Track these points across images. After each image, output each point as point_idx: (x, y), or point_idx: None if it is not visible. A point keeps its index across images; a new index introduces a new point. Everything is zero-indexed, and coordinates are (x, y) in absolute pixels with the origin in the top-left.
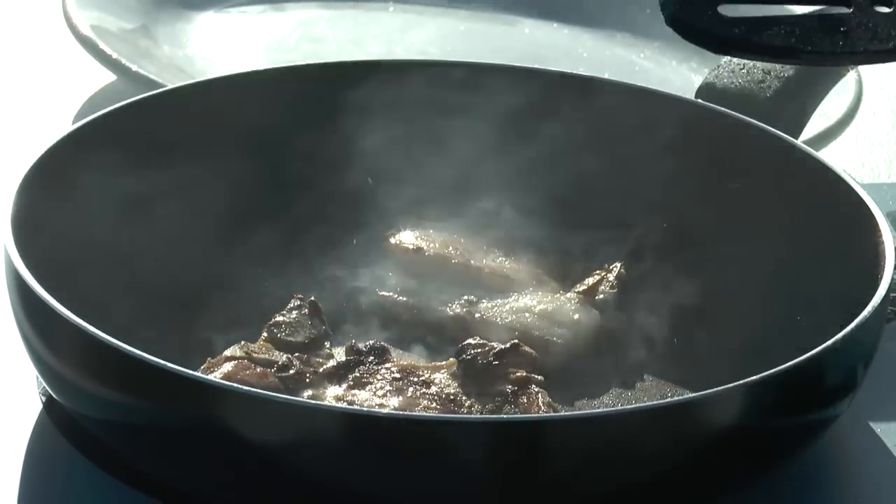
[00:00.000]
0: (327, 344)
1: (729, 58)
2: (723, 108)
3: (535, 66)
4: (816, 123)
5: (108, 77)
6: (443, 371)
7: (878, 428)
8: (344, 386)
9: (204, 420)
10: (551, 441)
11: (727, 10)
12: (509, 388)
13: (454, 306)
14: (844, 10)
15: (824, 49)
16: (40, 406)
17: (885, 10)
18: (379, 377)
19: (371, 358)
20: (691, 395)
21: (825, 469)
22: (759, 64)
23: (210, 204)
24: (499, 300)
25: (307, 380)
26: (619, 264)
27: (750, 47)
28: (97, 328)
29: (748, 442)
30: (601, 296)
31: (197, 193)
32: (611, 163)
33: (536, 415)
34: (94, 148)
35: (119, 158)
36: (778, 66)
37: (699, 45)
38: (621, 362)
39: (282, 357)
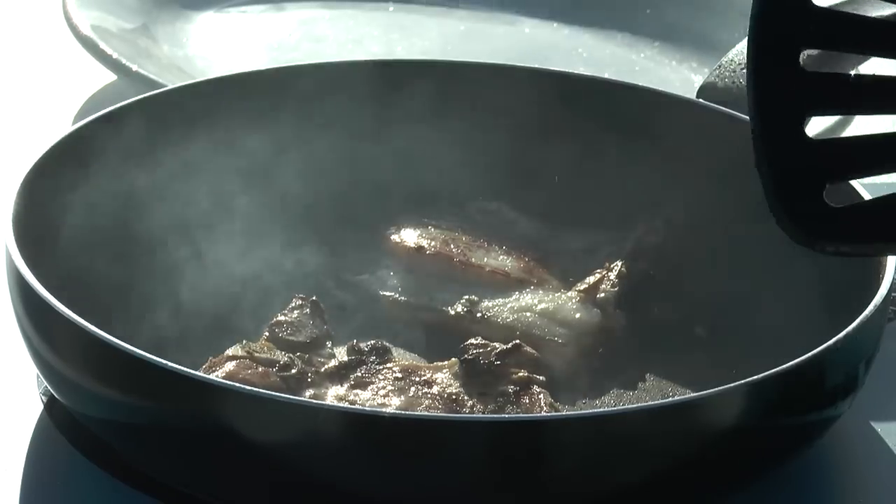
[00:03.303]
0: (329, 343)
1: (730, 57)
2: (723, 108)
3: (535, 65)
4: (816, 123)
5: (108, 77)
6: (444, 371)
7: (880, 427)
8: (346, 385)
9: (206, 420)
10: (553, 441)
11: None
12: (511, 388)
13: (455, 306)
14: None
15: None
16: (41, 406)
17: None
18: (380, 377)
19: (373, 358)
20: (692, 394)
21: (826, 469)
22: None
23: (209, 204)
24: (500, 299)
25: (309, 379)
26: (619, 263)
27: (868, 237)
28: (99, 328)
29: (749, 442)
30: (602, 295)
31: (196, 193)
32: (611, 162)
33: (538, 415)
34: (95, 148)
35: (119, 158)
36: None
37: (809, 243)
38: (622, 362)
39: (283, 356)
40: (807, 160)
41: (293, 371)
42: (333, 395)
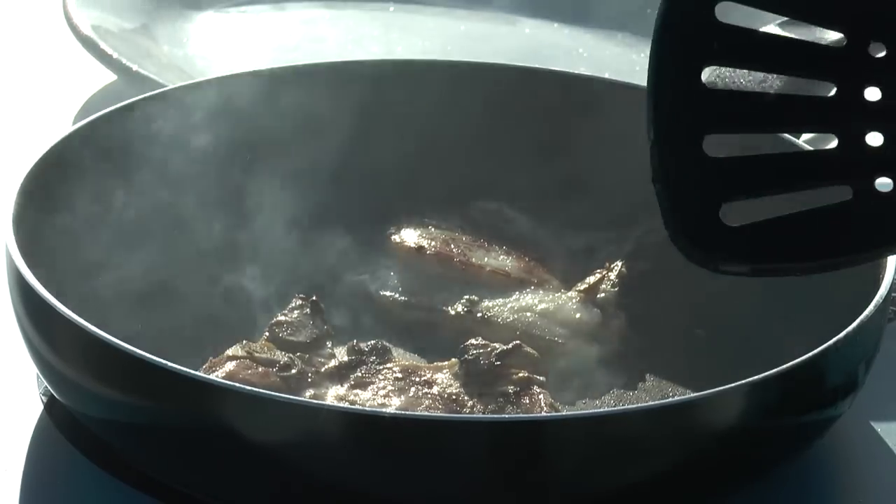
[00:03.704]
0: (329, 343)
1: None
2: None
3: (535, 65)
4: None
5: (109, 77)
6: (445, 371)
7: (880, 428)
8: (346, 386)
9: (206, 420)
10: (553, 441)
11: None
12: (511, 388)
13: (455, 306)
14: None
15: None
16: (41, 406)
17: (887, 181)
18: (381, 377)
19: (373, 358)
20: (692, 394)
21: (826, 469)
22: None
23: (210, 203)
24: (500, 300)
25: (309, 379)
26: (619, 263)
27: (767, 257)
28: (99, 328)
29: (749, 442)
30: (602, 294)
31: (197, 193)
32: (611, 162)
33: (538, 415)
34: (95, 148)
35: (119, 158)
36: None
37: (705, 263)
38: (622, 362)
39: (283, 357)
40: (703, 178)
41: (293, 371)
42: (333, 395)
